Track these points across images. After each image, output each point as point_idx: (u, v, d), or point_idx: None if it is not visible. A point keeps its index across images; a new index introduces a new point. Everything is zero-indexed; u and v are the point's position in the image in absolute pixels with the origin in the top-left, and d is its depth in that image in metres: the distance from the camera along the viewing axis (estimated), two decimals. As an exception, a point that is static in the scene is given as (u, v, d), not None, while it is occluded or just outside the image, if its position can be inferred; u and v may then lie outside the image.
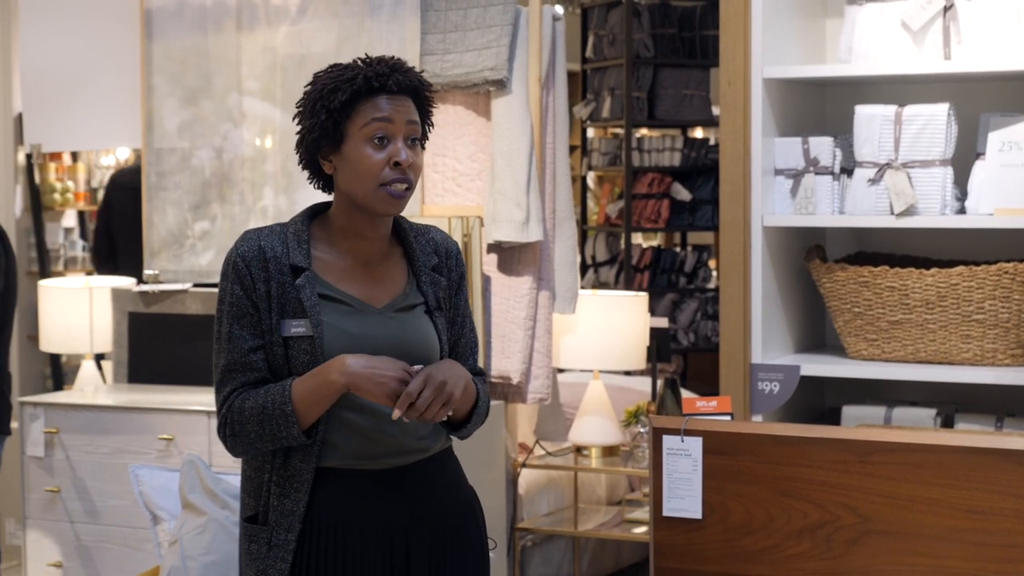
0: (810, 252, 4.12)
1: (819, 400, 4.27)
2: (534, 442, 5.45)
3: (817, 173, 3.98)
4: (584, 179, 9.70)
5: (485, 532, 2.95)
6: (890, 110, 3.88)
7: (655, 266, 8.81)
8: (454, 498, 2.87)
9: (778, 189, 4.04)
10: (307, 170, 2.85)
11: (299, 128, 2.82)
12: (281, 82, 5.38)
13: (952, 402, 4.08)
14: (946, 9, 3.89)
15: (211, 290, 5.50)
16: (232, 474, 3.53)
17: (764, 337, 3.99)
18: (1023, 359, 3.87)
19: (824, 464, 2.97)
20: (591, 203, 9.92)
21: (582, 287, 6.43)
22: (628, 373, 6.55)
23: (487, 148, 4.95)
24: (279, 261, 2.75)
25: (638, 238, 9.70)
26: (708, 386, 7.53)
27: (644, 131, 9.27)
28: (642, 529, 5.22)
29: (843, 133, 4.08)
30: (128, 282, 5.84)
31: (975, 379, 3.86)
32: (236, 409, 2.74)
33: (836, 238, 4.31)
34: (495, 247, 4.92)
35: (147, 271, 5.64)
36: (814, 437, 2.99)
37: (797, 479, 2.99)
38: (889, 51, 3.96)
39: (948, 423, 3.98)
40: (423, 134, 2.81)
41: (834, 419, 4.12)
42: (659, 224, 8.68)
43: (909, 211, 3.85)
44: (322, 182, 2.86)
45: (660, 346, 5.64)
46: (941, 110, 3.84)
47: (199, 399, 5.08)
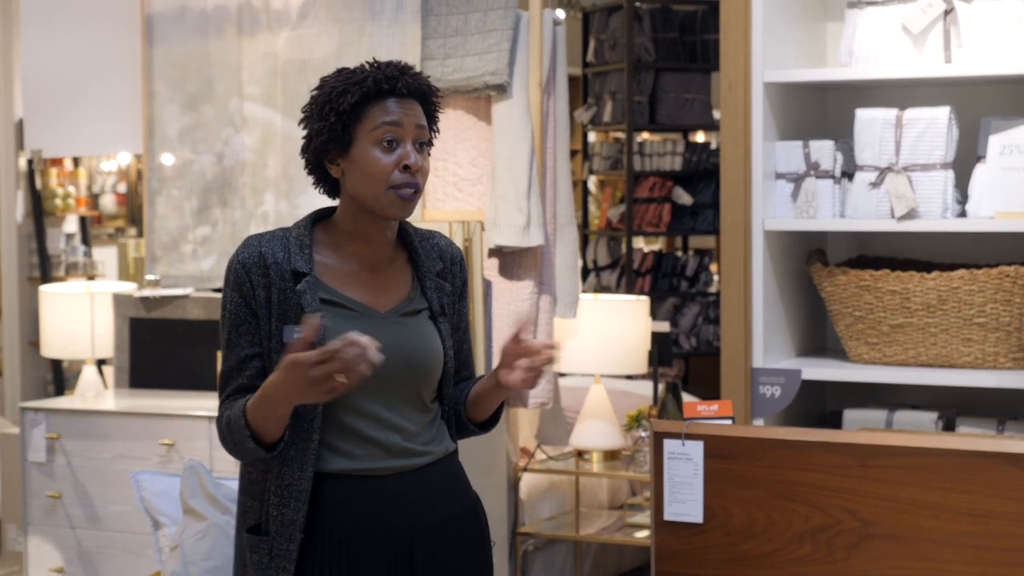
0: (811, 256, 4.12)
1: (820, 404, 4.27)
2: (535, 446, 5.45)
3: (818, 177, 3.98)
4: (585, 183, 9.70)
5: (489, 537, 2.94)
6: (891, 114, 3.88)
7: (656, 270, 8.82)
8: (458, 503, 2.87)
9: (779, 193, 4.04)
10: (313, 174, 2.84)
11: (304, 132, 2.80)
12: (282, 87, 5.38)
13: (953, 405, 4.08)
14: (946, 13, 3.89)
15: (212, 295, 5.50)
16: (233, 479, 3.53)
17: (765, 341, 3.99)
18: (1024, 362, 3.88)
19: (825, 468, 2.96)
20: (592, 207, 9.93)
21: (583, 291, 6.43)
22: (629, 377, 6.55)
23: (488, 153, 4.95)
24: (280, 267, 2.75)
25: (639, 242, 9.71)
26: (709, 390, 7.53)
27: (645, 135, 9.28)
28: (644, 533, 5.22)
29: (844, 137, 4.08)
30: (129, 287, 5.85)
31: (976, 382, 3.86)
32: (224, 416, 2.75)
33: (837, 242, 4.31)
34: (496, 252, 4.92)
35: (148, 276, 5.64)
36: (815, 441, 2.99)
37: (798, 483, 2.99)
38: (890, 55, 3.96)
39: (949, 427, 3.98)
40: (430, 139, 2.81)
41: (835, 423, 4.12)
42: (660, 228, 8.69)
43: (910, 215, 3.85)
44: (327, 187, 2.85)
45: (661, 350, 5.64)
46: (942, 113, 3.84)
47: (200, 404, 5.08)
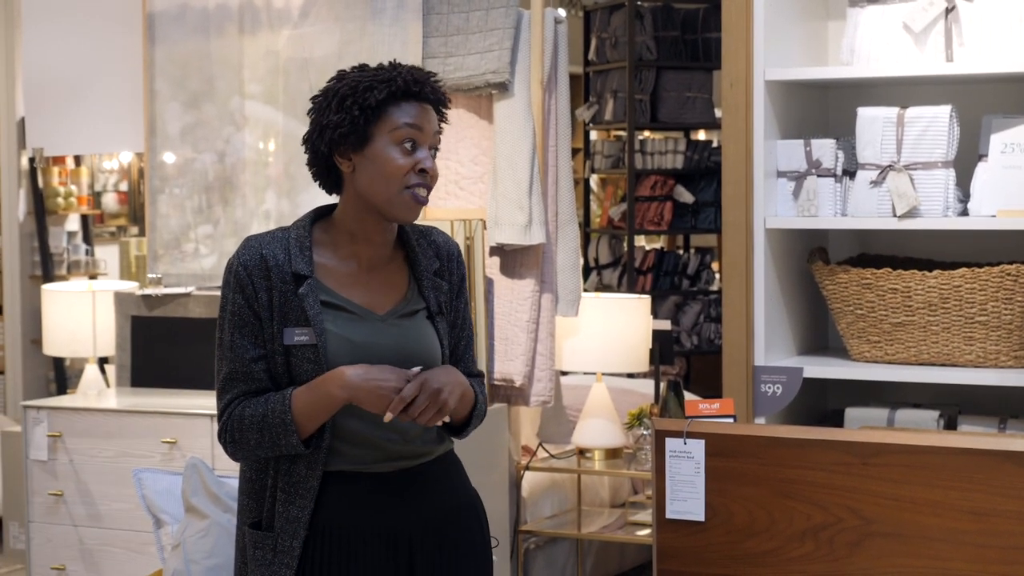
0: (812, 254, 4.12)
1: (822, 402, 4.27)
2: (537, 445, 5.45)
3: (819, 175, 3.98)
4: (587, 182, 9.70)
5: (488, 535, 2.94)
6: (892, 112, 3.88)
7: (658, 268, 8.82)
8: (457, 501, 2.87)
9: (780, 191, 4.04)
10: (315, 166, 2.80)
11: (314, 122, 2.77)
12: (283, 86, 5.39)
13: (955, 404, 4.08)
14: (948, 11, 3.89)
15: (214, 293, 5.50)
16: (235, 477, 3.53)
17: (767, 339, 3.99)
18: (1026, 361, 3.88)
19: (827, 466, 2.97)
20: (594, 206, 9.93)
21: (585, 290, 6.43)
22: (631, 376, 6.55)
23: (489, 151, 4.95)
24: (281, 269, 2.75)
25: (641, 240, 9.71)
26: (711, 389, 7.53)
27: (647, 134, 9.28)
28: (645, 531, 5.22)
29: (845, 135, 4.08)
30: (131, 286, 5.85)
31: (978, 381, 3.86)
32: (236, 416, 2.74)
33: (838, 240, 4.31)
34: (497, 250, 4.92)
35: (150, 275, 5.64)
36: (817, 439, 2.99)
37: (800, 481, 2.99)
38: (891, 53, 3.96)
39: (951, 425, 3.98)
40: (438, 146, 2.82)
41: (837, 421, 4.12)
42: (662, 227, 8.69)
43: (911, 213, 3.85)
44: (328, 181, 2.82)
45: (663, 348, 5.64)
46: (943, 112, 3.84)
47: (202, 402, 5.08)
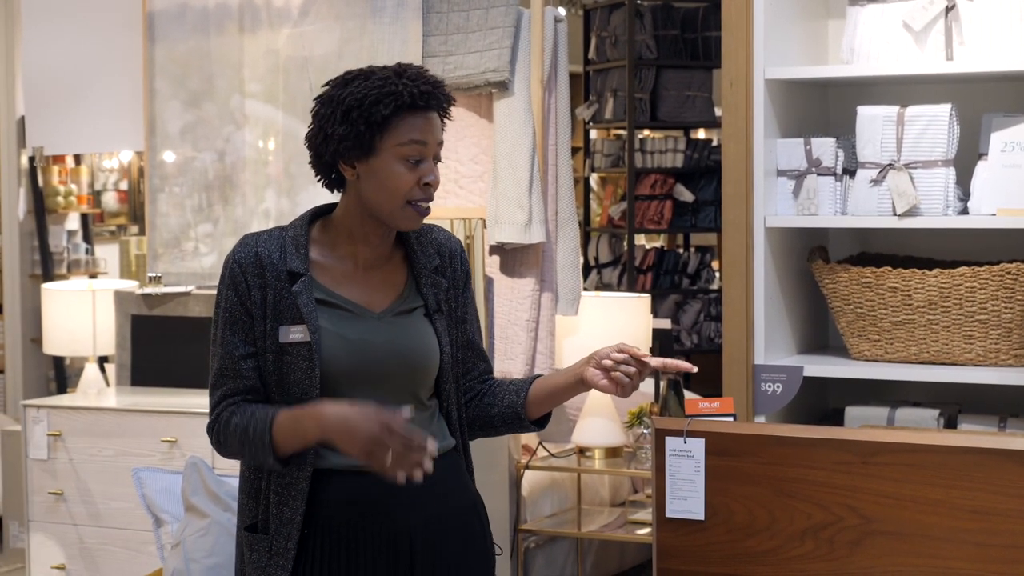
0: (813, 253, 4.12)
1: (822, 401, 4.27)
2: (537, 444, 5.45)
3: (819, 174, 3.98)
4: (587, 180, 9.70)
5: (490, 535, 2.93)
6: (892, 111, 3.88)
7: (658, 267, 8.81)
8: (457, 502, 2.86)
9: (780, 190, 4.04)
10: (319, 168, 2.80)
11: (318, 128, 2.74)
12: (283, 84, 5.38)
13: (955, 403, 4.08)
14: (948, 10, 3.89)
15: (213, 292, 5.48)
16: (235, 476, 3.53)
17: (767, 338, 3.99)
18: (1026, 359, 3.88)
19: (827, 465, 2.96)
20: (594, 204, 9.92)
21: (585, 289, 6.43)
22: (631, 374, 6.53)
23: (489, 150, 4.95)
24: (276, 267, 2.75)
25: (641, 239, 9.71)
26: (711, 387, 7.52)
27: (647, 132, 9.28)
28: (645, 530, 5.22)
29: (845, 134, 4.08)
30: (131, 285, 5.85)
31: (978, 379, 3.86)
32: (224, 421, 2.76)
33: (839, 239, 4.31)
34: (497, 249, 4.92)
35: (150, 274, 5.64)
36: (817, 438, 2.99)
37: (800, 480, 2.98)
38: (891, 52, 3.96)
39: (951, 424, 3.98)
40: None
41: (837, 420, 4.12)
42: (662, 225, 8.69)
43: (911, 212, 3.85)
44: (330, 182, 2.82)
45: (663, 347, 5.64)
46: (943, 111, 3.84)
47: (202, 401, 5.03)
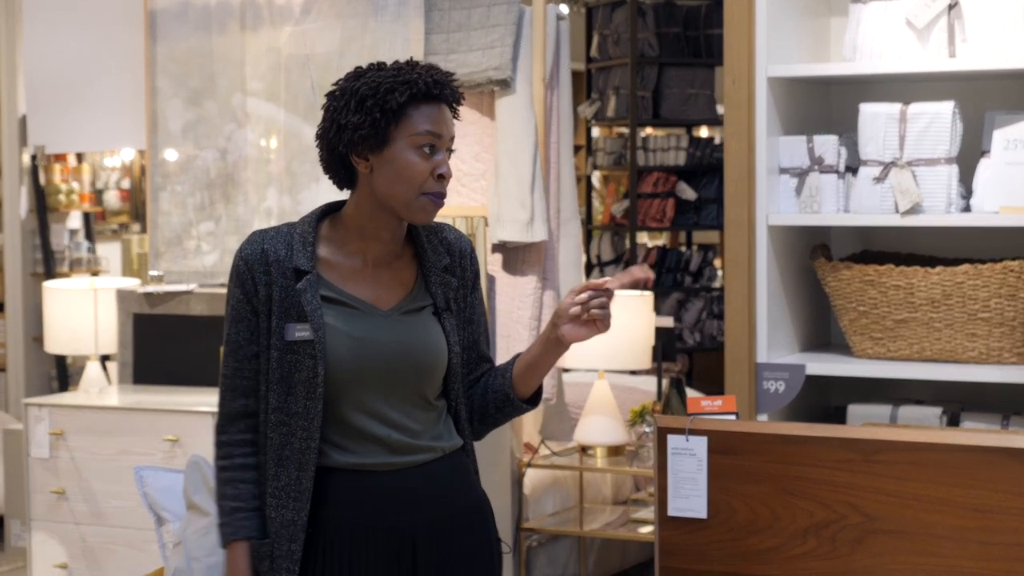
0: (815, 251, 4.12)
1: (824, 399, 4.27)
2: (539, 442, 5.45)
3: (822, 172, 3.98)
4: (589, 179, 9.71)
5: (496, 535, 2.92)
6: (895, 108, 3.88)
7: (660, 265, 8.82)
8: (462, 500, 2.85)
9: (783, 188, 4.03)
10: (329, 163, 2.78)
11: (330, 121, 2.72)
12: (285, 82, 5.38)
13: (958, 400, 4.08)
14: (951, 7, 3.89)
15: (215, 291, 5.50)
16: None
17: (769, 336, 3.98)
18: (1029, 357, 3.87)
19: (829, 463, 2.96)
20: (596, 203, 9.93)
21: (587, 287, 6.42)
22: (633, 373, 6.55)
23: (491, 148, 4.95)
24: (282, 264, 2.74)
25: (643, 237, 9.71)
26: (713, 385, 7.53)
27: (649, 130, 9.28)
28: (648, 529, 5.22)
29: (848, 131, 4.07)
30: (133, 283, 5.85)
31: (981, 377, 3.85)
32: (222, 456, 2.79)
33: (841, 237, 4.31)
34: (500, 247, 4.92)
35: (151, 272, 5.64)
36: (819, 436, 2.99)
37: (802, 478, 2.98)
38: (894, 49, 3.95)
39: (954, 422, 3.98)
40: None
41: (839, 418, 4.12)
42: (664, 223, 8.68)
43: (914, 209, 3.85)
44: (340, 178, 2.80)
45: (665, 345, 5.64)
46: (946, 108, 3.83)
47: (204, 400, 5.08)
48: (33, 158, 6.96)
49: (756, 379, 3.98)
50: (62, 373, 7.09)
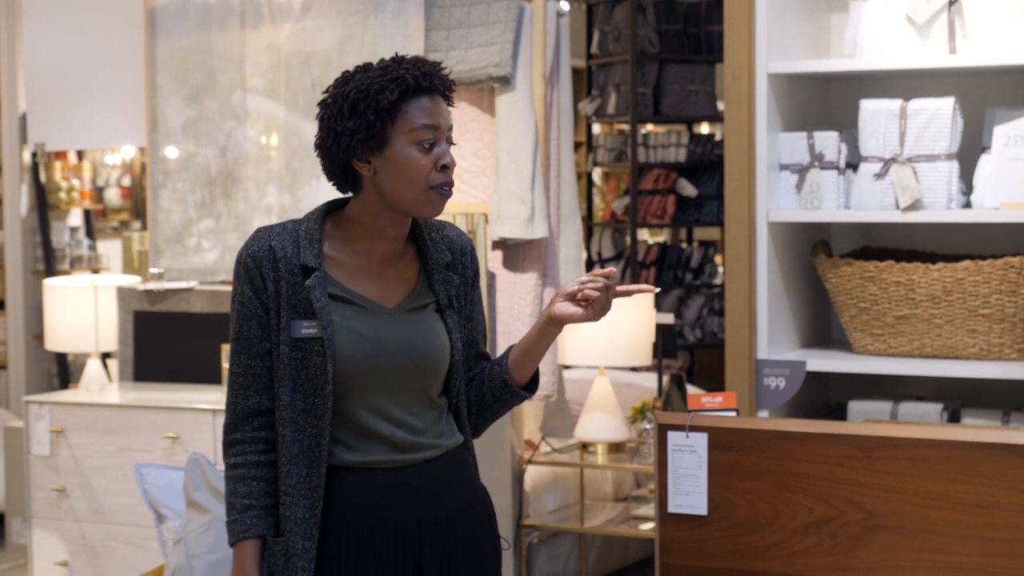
0: (816, 247, 4.12)
1: (825, 395, 4.27)
2: (540, 439, 5.45)
3: (822, 168, 3.97)
4: (590, 175, 9.70)
5: (497, 531, 2.93)
6: (895, 104, 3.88)
7: (661, 262, 8.81)
8: (466, 497, 2.85)
9: (783, 184, 4.03)
10: (332, 172, 2.77)
11: (326, 129, 2.72)
12: (285, 80, 5.38)
13: (958, 397, 4.08)
14: (951, 3, 3.88)
15: (216, 288, 5.50)
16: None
17: (770, 333, 3.98)
18: (1030, 353, 3.87)
19: (830, 460, 2.96)
20: (597, 199, 9.93)
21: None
22: (634, 369, 6.55)
23: (491, 145, 4.94)
24: (289, 261, 2.74)
25: (644, 234, 9.70)
26: (714, 382, 7.53)
27: (649, 127, 9.27)
28: (648, 525, 5.22)
29: (848, 128, 4.07)
30: (133, 280, 5.85)
31: (981, 374, 3.85)
32: (235, 454, 2.78)
33: (842, 233, 4.31)
34: (500, 244, 4.92)
35: (152, 269, 5.64)
36: (820, 433, 2.99)
37: (803, 475, 2.98)
38: (894, 45, 3.95)
39: (954, 418, 3.98)
40: None
41: (840, 414, 4.11)
42: (665, 220, 8.68)
43: (915, 206, 3.84)
44: (342, 181, 2.79)
45: (666, 342, 5.64)
46: (946, 104, 3.83)
47: (205, 397, 5.08)
48: (33, 155, 6.95)
49: (757, 375, 3.98)
50: (63, 371, 7.09)
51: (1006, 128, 3.85)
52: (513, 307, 4.91)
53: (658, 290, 2.86)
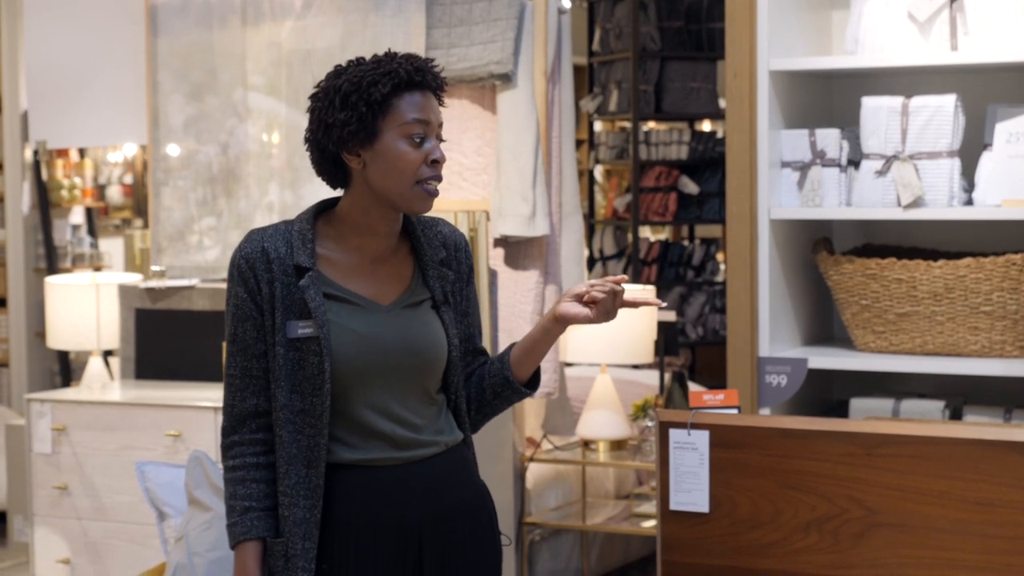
0: (817, 244, 4.11)
1: (827, 393, 4.27)
2: (542, 436, 5.45)
3: (824, 165, 3.97)
4: (591, 173, 9.70)
5: (497, 527, 2.93)
6: (897, 101, 3.87)
7: (663, 259, 8.81)
8: (466, 493, 2.85)
9: (785, 181, 4.03)
10: (321, 164, 2.77)
11: (316, 122, 2.73)
12: (286, 77, 5.38)
13: (960, 394, 4.07)
14: (952, 0, 3.88)
15: (218, 286, 5.50)
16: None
17: (771, 330, 3.98)
18: (1031, 351, 3.87)
19: (832, 457, 2.96)
20: (599, 197, 9.92)
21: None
22: (636, 367, 6.54)
23: (493, 142, 4.94)
24: (283, 262, 2.74)
25: (646, 232, 9.70)
26: (716, 379, 7.53)
27: (651, 124, 9.26)
28: (650, 523, 5.22)
29: (850, 125, 4.07)
30: (135, 278, 5.85)
31: (983, 371, 3.85)
32: (233, 456, 2.78)
33: (843, 230, 4.30)
34: (501, 241, 4.91)
35: (154, 267, 5.64)
36: (821, 430, 2.99)
37: (804, 472, 2.98)
38: (895, 42, 3.94)
39: (956, 415, 3.97)
40: None
41: (842, 412, 4.11)
42: (667, 217, 8.68)
43: (916, 203, 3.84)
44: (333, 176, 2.80)
45: (668, 339, 5.64)
46: (948, 101, 3.83)
47: (206, 395, 5.08)
48: (35, 153, 6.96)
49: (758, 373, 3.98)
50: (64, 368, 7.09)
51: (1008, 125, 3.85)
52: (515, 305, 4.91)
53: (664, 304, 2.87)
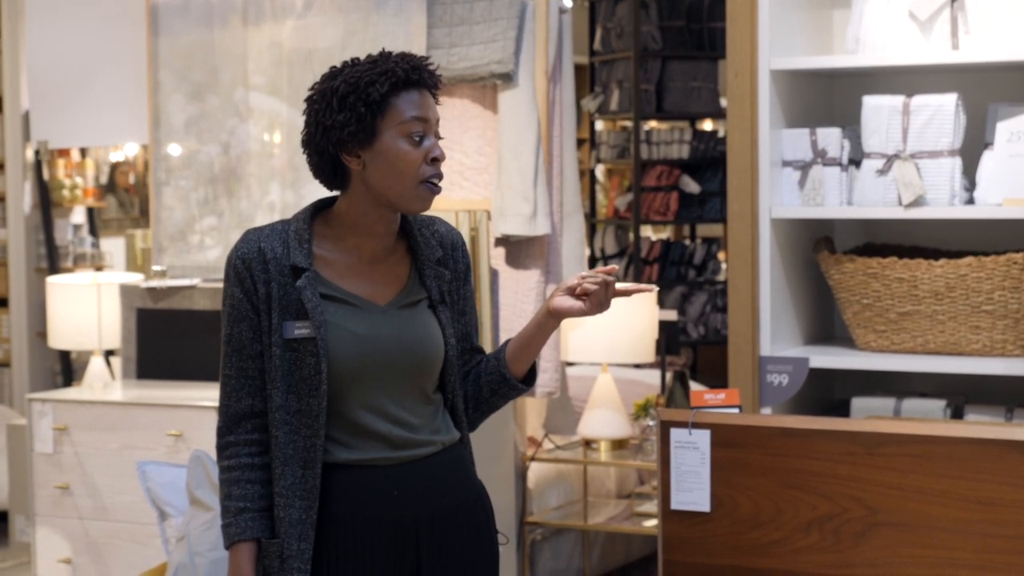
0: (818, 244, 4.11)
1: (828, 392, 4.26)
2: (543, 436, 5.45)
3: (825, 164, 3.97)
4: (592, 172, 9.70)
5: (495, 529, 2.93)
6: (898, 100, 3.87)
7: (664, 259, 8.81)
8: (463, 493, 2.85)
9: (786, 181, 4.03)
10: (319, 165, 2.77)
11: (314, 124, 2.73)
12: (287, 77, 5.38)
13: (961, 393, 4.07)
14: (953, -1, 3.88)
15: (219, 285, 5.50)
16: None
17: (773, 329, 3.98)
18: (1033, 350, 3.86)
19: (833, 456, 2.96)
20: (600, 196, 9.92)
21: (590, 280, 6.41)
22: (637, 366, 6.55)
23: (494, 142, 4.94)
24: (279, 262, 2.73)
25: (647, 231, 9.70)
26: (717, 379, 7.53)
27: (652, 124, 9.27)
28: (651, 522, 5.22)
29: (851, 124, 4.07)
30: (136, 278, 5.85)
31: (984, 370, 3.85)
32: (228, 457, 2.77)
33: (844, 229, 4.30)
34: (503, 241, 4.91)
35: (155, 267, 5.64)
36: (823, 429, 2.99)
37: (806, 472, 2.98)
38: (897, 41, 3.94)
39: (957, 414, 3.97)
40: None
41: (843, 411, 4.11)
42: (668, 217, 8.68)
43: (917, 202, 3.84)
44: (330, 178, 2.79)
45: (669, 339, 5.63)
46: (949, 100, 3.82)
47: (207, 395, 5.08)
48: (36, 153, 6.96)
49: (760, 372, 3.98)
50: (66, 368, 7.09)
51: (1009, 124, 3.85)
52: (516, 304, 4.91)
53: (656, 288, 2.86)
